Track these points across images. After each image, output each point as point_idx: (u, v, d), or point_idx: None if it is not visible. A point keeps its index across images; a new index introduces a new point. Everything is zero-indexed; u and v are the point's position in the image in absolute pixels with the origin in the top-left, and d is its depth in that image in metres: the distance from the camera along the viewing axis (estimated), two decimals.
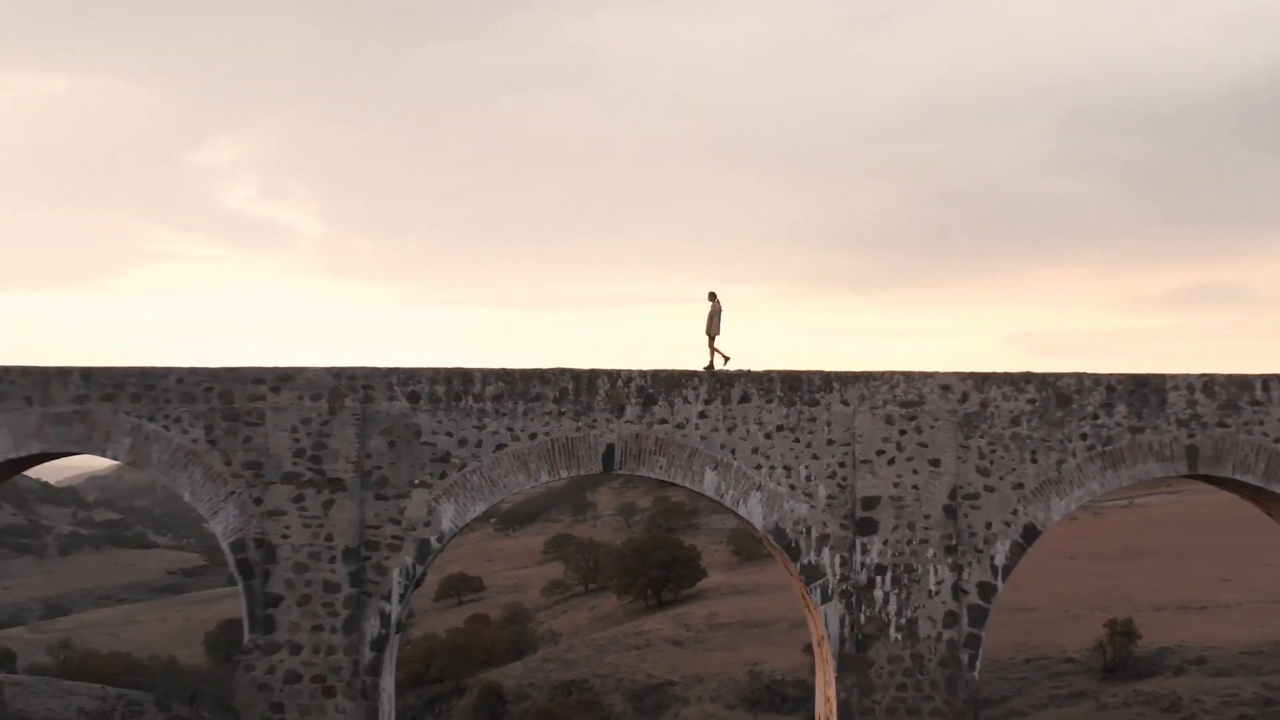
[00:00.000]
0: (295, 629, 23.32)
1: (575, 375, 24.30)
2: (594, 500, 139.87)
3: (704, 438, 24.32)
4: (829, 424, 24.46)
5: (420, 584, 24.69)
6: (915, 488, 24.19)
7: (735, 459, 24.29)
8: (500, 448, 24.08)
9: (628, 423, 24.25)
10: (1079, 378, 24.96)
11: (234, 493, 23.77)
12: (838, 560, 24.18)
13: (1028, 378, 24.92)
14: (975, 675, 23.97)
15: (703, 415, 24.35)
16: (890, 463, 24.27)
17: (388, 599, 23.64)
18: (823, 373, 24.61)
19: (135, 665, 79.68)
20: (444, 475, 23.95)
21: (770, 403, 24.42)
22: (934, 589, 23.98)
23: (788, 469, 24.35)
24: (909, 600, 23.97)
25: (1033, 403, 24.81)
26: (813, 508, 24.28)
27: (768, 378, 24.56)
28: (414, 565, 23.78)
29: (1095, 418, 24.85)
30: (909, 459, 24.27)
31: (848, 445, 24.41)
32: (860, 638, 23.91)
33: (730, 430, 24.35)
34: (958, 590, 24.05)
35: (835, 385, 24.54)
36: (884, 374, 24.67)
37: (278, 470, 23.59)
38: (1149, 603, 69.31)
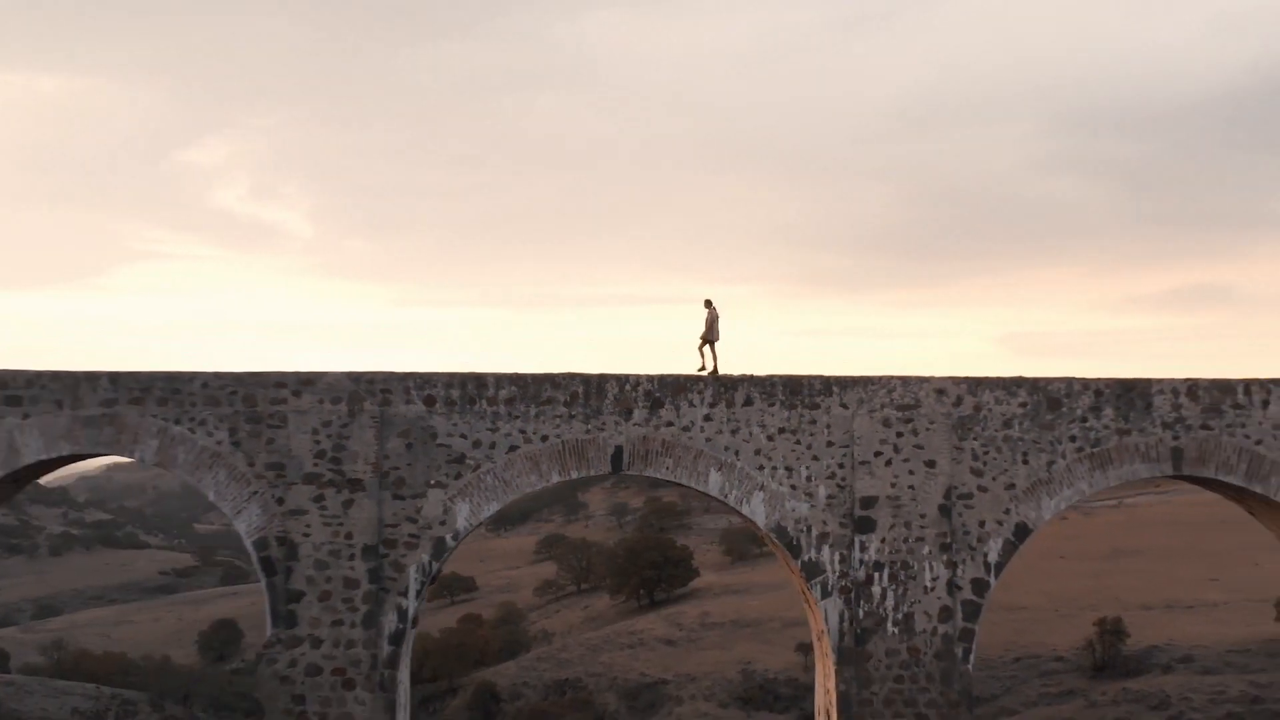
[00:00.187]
0: (316, 624, 24.41)
1: (585, 380, 25.43)
2: (586, 500, 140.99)
3: (709, 440, 25.46)
4: (829, 426, 25.61)
5: (435, 580, 25.78)
6: (912, 488, 25.35)
7: (739, 460, 25.43)
8: (513, 449, 25.20)
9: (635, 425, 25.38)
10: (1068, 382, 26.15)
11: (257, 493, 24.85)
12: (837, 557, 25.33)
13: (1019, 382, 26.10)
14: (969, 668, 25.15)
15: (707, 418, 25.49)
16: (888, 464, 25.42)
17: (405, 595, 24.75)
18: (822, 377, 25.77)
19: (129, 665, 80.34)
20: (459, 476, 25.06)
21: (772, 406, 25.57)
22: (929, 585, 25.14)
23: (789, 470, 25.49)
24: (905, 596, 25.13)
25: (1024, 406, 25.98)
26: (813, 507, 25.43)
27: (770, 382, 25.72)
28: (430, 562, 24.89)
29: (1084, 420, 26.03)
30: (905, 460, 25.43)
31: (847, 447, 25.56)
32: (859, 632, 25.07)
33: (734, 432, 25.49)
34: (952, 586, 25.21)
35: (835, 389, 25.69)
36: (881, 378, 25.84)
37: (299, 471, 24.69)
38: (1137, 602, 70.52)
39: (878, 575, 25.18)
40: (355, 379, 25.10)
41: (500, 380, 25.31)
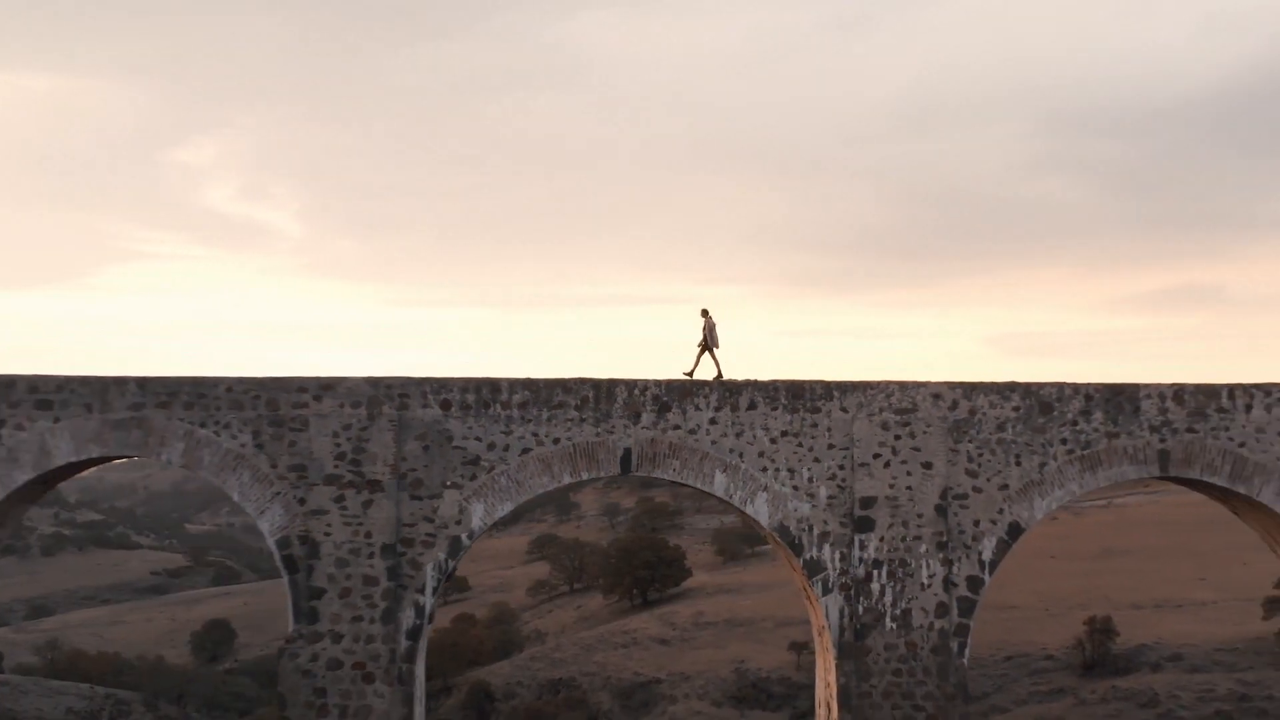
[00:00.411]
0: (337, 619, 25.59)
1: (595, 384, 26.66)
2: (578, 500, 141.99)
3: (714, 442, 26.69)
4: (829, 430, 26.86)
5: (451, 577, 26.95)
6: (909, 488, 26.62)
7: (743, 462, 26.67)
8: (526, 452, 26.42)
9: (644, 428, 26.61)
10: (1060, 387, 27.43)
11: (279, 493, 26.02)
12: (838, 556, 26.58)
13: (1012, 387, 27.37)
14: (964, 662, 26.44)
15: (713, 422, 26.72)
16: (886, 465, 26.68)
17: (422, 592, 25.95)
18: (823, 382, 27.04)
19: (122, 665, 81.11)
20: (474, 477, 26.27)
21: (775, 410, 26.81)
22: (926, 582, 26.40)
23: (791, 471, 26.74)
24: (903, 593, 26.38)
25: (1017, 410, 27.26)
26: (815, 507, 26.68)
27: (773, 387, 26.96)
28: (446, 561, 26.10)
29: (1074, 424, 27.31)
30: (903, 462, 26.69)
31: (847, 449, 26.81)
32: (858, 627, 26.32)
33: (738, 435, 26.73)
34: (948, 583, 26.48)
35: (835, 394, 26.95)
36: (880, 383, 27.10)
37: (320, 472, 25.87)
38: (1127, 601, 71.74)
39: (877, 573, 26.42)
40: (374, 384, 26.29)
41: (513, 385, 26.52)
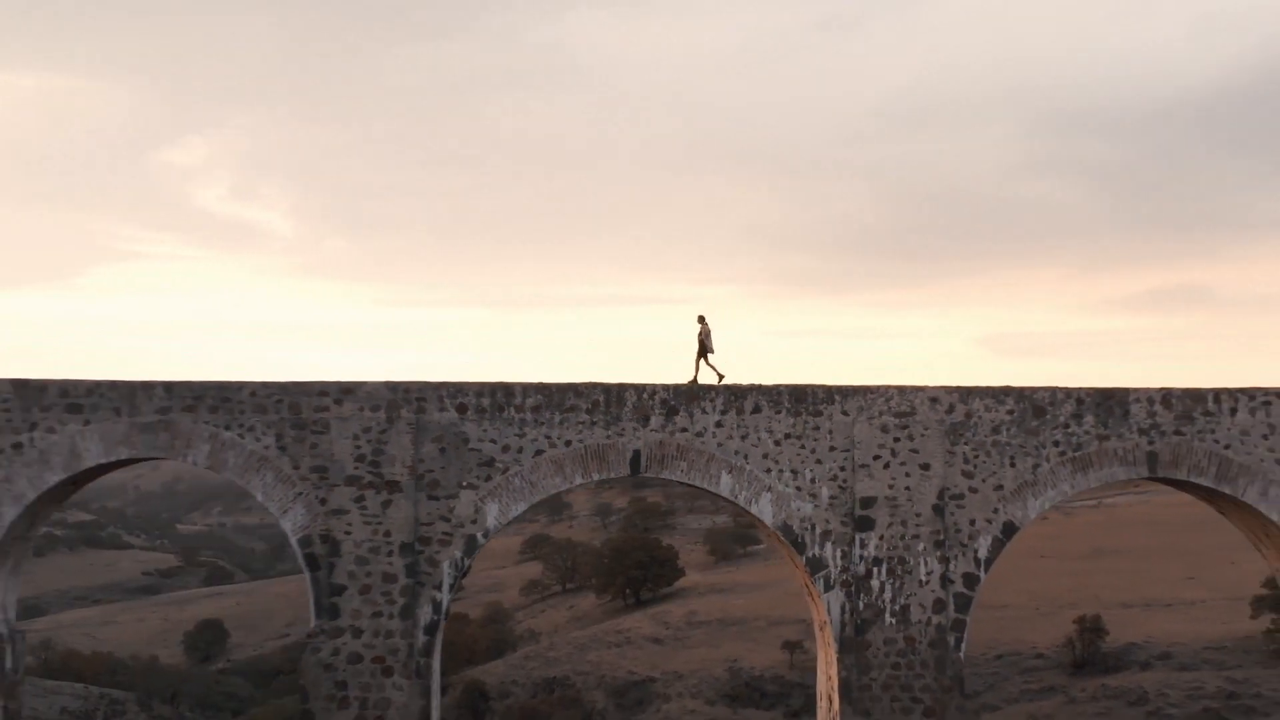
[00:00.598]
0: (357, 615, 26.83)
1: (605, 389, 27.92)
2: (570, 500, 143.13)
3: (720, 445, 27.98)
4: (831, 432, 28.17)
5: (467, 574, 28.20)
6: (908, 489, 27.94)
7: (748, 463, 27.96)
8: (539, 453, 27.68)
9: (652, 431, 27.89)
10: (1052, 391, 28.77)
11: (302, 494, 27.26)
12: (839, 554, 27.89)
13: (1007, 391, 28.70)
14: (960, 656, 27.79)
15: (719, 425, 28.01)
16: (885, 467, 27.99)
17: (439, 588, 27.21)
18: (825, 386, 28.36)
19: (116, 665, 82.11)
20: (489, 478, 27.52)
21: (779, 413, 28.12)
22: (924, 579, 27.72)
23: (794, 472, 28.05)
24: (902, 589, 27.70)
25: (1011, 413, 28.59)
26: (817, 507, 27.98)
27: (777, 391, 28.27)
28: (462, 558, 27.36)
29: (1066, 426, 28.65)
30: (902, 463, 28.01)
31: (848, 451, 28.13)
32: (859, 622, 27.64)
33: (744, 438, 28.02)
34: (945, 580, 27.80)
35: (836, 398, 28.26)
36: (880, 388, 28.42)
37: (341, 474, 27.10)
38: (1116, 600, 73.16)
39: (876, 570, 27.73)
40: (393, 388, 27.52)
41: (527, 389, 27.77)
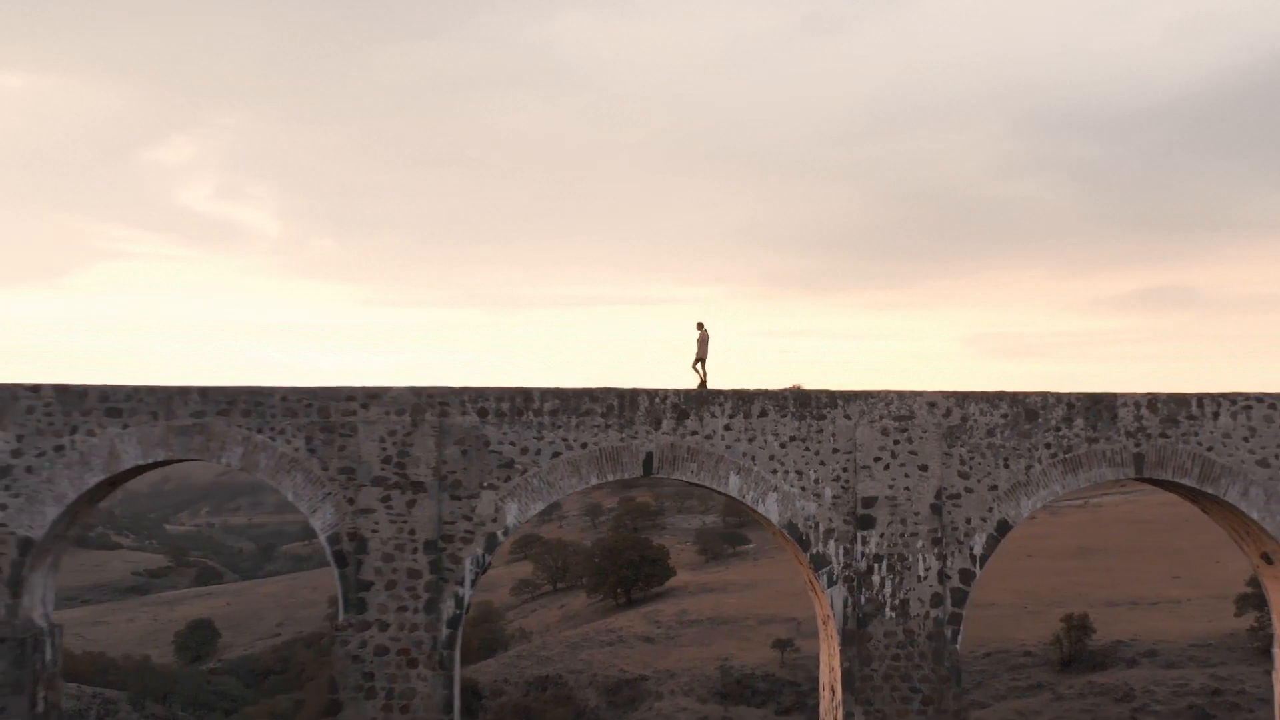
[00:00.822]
0: (384, 610, 28.47)
1: (619, 393, 29.61)
2: (560, 500, 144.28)
3: (729, 447, 29.69)
4: (834, 435, 29.91)
5: (487, 571, 29.86)
6: (907, 489, 29.69)
7: (755, 465, 29.68)
8: (556, 455, 29.37)
9: (664, 434, 29.59)
10: (1044, 396, 30.55)
11: (330, 494, 28.88)
12: (841, 550, 29.63)
13: (1001, 396, 30.47)
14: (957, 648, 29.55)
15: (727, 428, 29.73)
16: (886, 468, 29.74)
17: (461, 584, 28.86)
18: (828, 391, 30.09)
19: (108, 665, 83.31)
20: (508, 479, 29.19)
21: (784, 417, 29.84)
22: (923, 575, 29.47)
23: (799, 473, 29.77)
24: (901, 584, 29.45)
25: (1005, 417, 30.36)
26: (820, 506, 29.71)
27: (782, 396, 30.01)
28: (483, 555, 29.01)
29: (1058, 430, 30.44)
30: (901, 465, 29.76)
31: (850, 453, 29.87)
32: (860, 616, 29.38)
33: (751, 440, 29.73)
34: (943, 576, 29.56)
35: (839, 402, 30.00)
36: (880, 392, 30.16)
37: (368, 474, 28.74)
38: (1103, 598, 75.24)
39: (877, 566, 29.47)
40: (417, 393, 29.16)
41: (545, 394, 29.44)
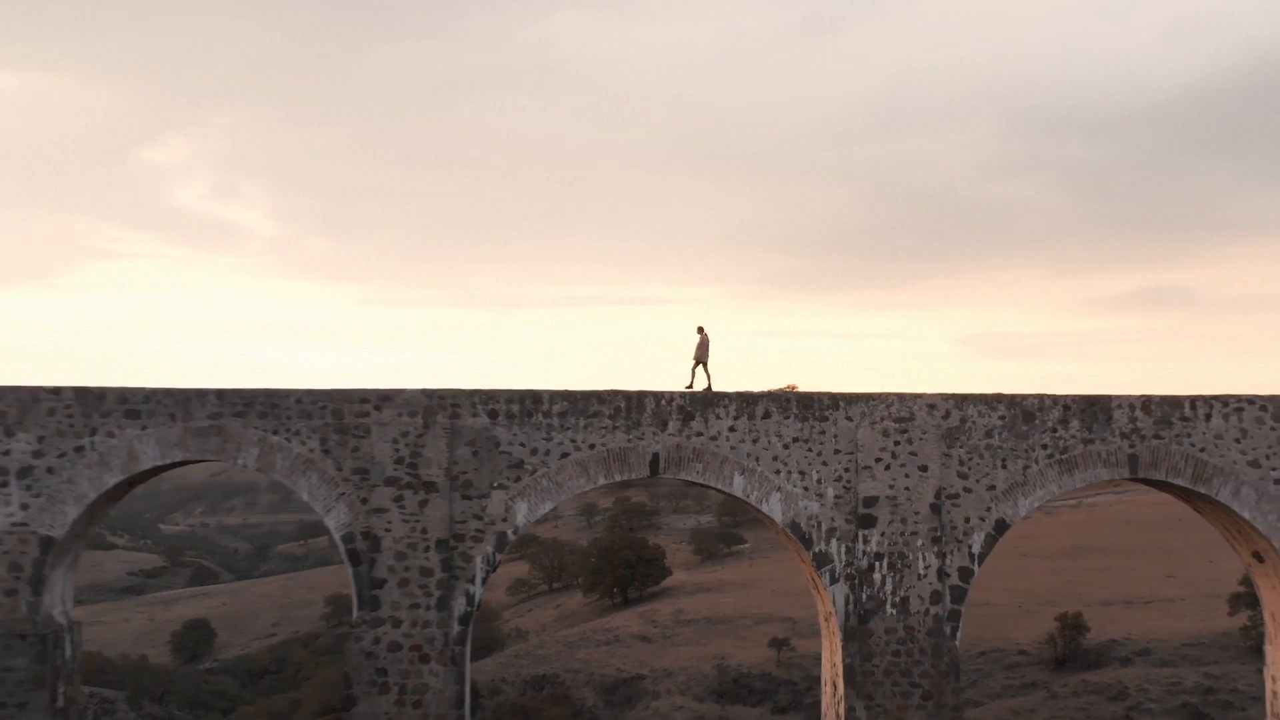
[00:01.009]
0: (396, 607, 29.42)
1: (627, 396, 30.58)
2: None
3: (733, 448, 30.67)
4: (836, 436, 30.91)
5: (497, 569, 30.80)
6: (907, 489, 30.71)
7: (759, 465, 30.66)
8: (565, 456, 30.34)
9: (670, 435, 30.56)
10: (1040, 398, 31.57)
11: (344, 494, 29.82)
12: (843, 549, 30.63)
13: (999, 398, 31.49)
14: (956, 643, 30.58)
15: (732, 429, 30.70)
16: (886, 468, 30.75)
17: (472, 582, 29.82)
18: (830, 394, 31.09)
19: (105, 664, 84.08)
20: (518, 479, 30.15)
21: (788, 419, 30.82)
22: (922, 573, 30.48)
23: (802, 473, 30.77)
24: (902, 582, 30.46)
25: (1003, 419, 31.36)
26: (823, 505, 30.70)
27: (785, 398, 31.00)
28: (494, 554, 29.98)
29: (1054, 431, 31.46)
30: (902, 465, 30.77)
31: (851, 454, 30.88)
32: (862, 613, 30.40)
33: (755, 441, 30.72)
34: (942, 574, 30.59)
35: (841, 404, 30.99)
36: (881, 395, 31.17)
37: (381, 475, 29.69)
38: (1097, 598, 76.22)
39: (878, 564, 30.48)
40: (429, 395, 30.11)
41: (553, 396, 30.40)
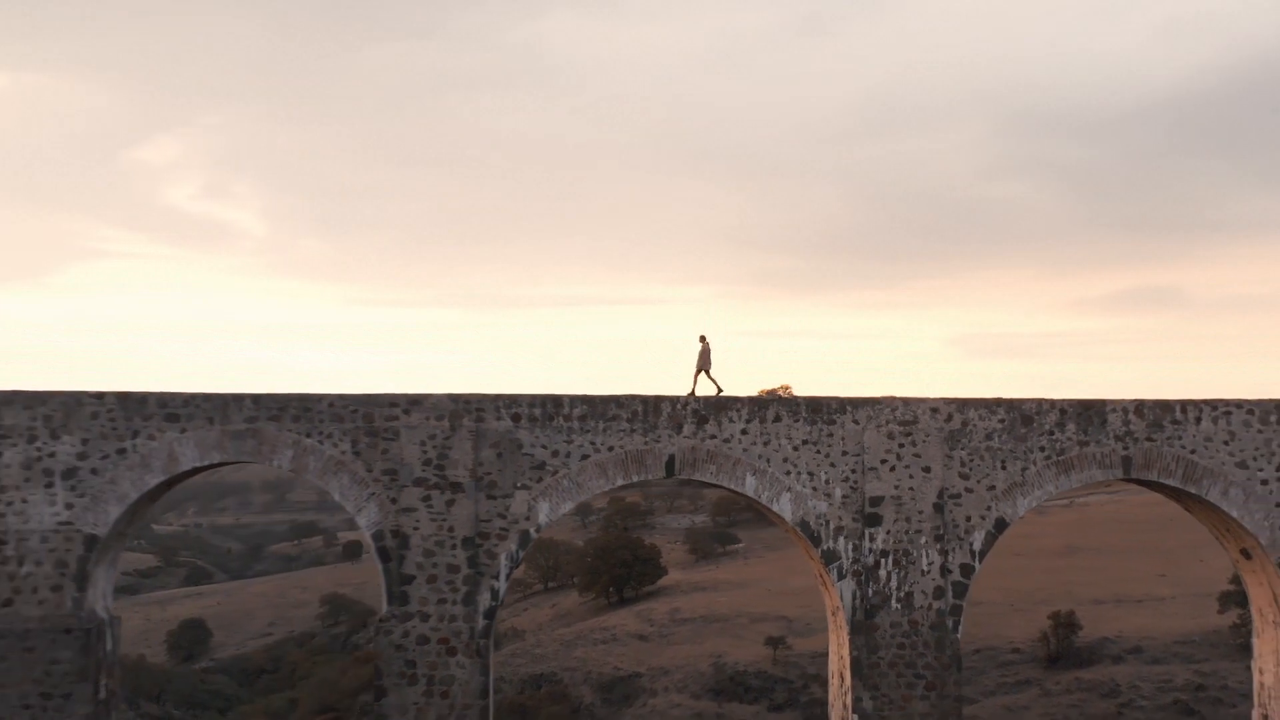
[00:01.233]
0: (424, 602, 31.12)
1: (644, 400, 32.32)
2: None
3: (745, 450, 32.42)
4: (843, 439, 32.68)
5: (520, 565, 32.48)
6: (911, 489, 32.48)
7: (770, 467, 32.41)
8: (585, 458, 32.06)
9: (685, 438, 32.29)
10: (1038, 402, 33.35)
11: (374, 494, 31.50)
12: (850, 546, 32.39)
13: (998, 402, 33.26)
14: (958, 637, 32.36)
15: (744, 432, 32.44)
16: (891, 469, 32.51)
17: (496, 578, 31.54)
18: (838, 398, 32.85)
19: None
20: (540, 480, 31.87)
21: (797, 422, 32.57)
22: (926, 569, 32.26)
23: (811, 474, 32.53)
24: (906, 578, 32.24)
25: (1002, 422, 33.14)
26: (830, 505, 32.47)
27: (795, 402, 32.78)
28: (517, 551, 31.69)
29: (1051, 434, 33.25)
30: (906, 466, 32.54)
31: (858, 455, 32.64)
32: (868, 608, 32.17)
33: (766, 444, 32.47)
34: (944, 570, 32.36)
35: (848, 408, 32.75)
36: (886, 399, 32.94)
37: (410, 476, 31.39)
38: (1089, 596, 78.06)
39: (884, 561, 32.25)
40: (455, 400, 31.81)
41: (574, 400, 32.13)
